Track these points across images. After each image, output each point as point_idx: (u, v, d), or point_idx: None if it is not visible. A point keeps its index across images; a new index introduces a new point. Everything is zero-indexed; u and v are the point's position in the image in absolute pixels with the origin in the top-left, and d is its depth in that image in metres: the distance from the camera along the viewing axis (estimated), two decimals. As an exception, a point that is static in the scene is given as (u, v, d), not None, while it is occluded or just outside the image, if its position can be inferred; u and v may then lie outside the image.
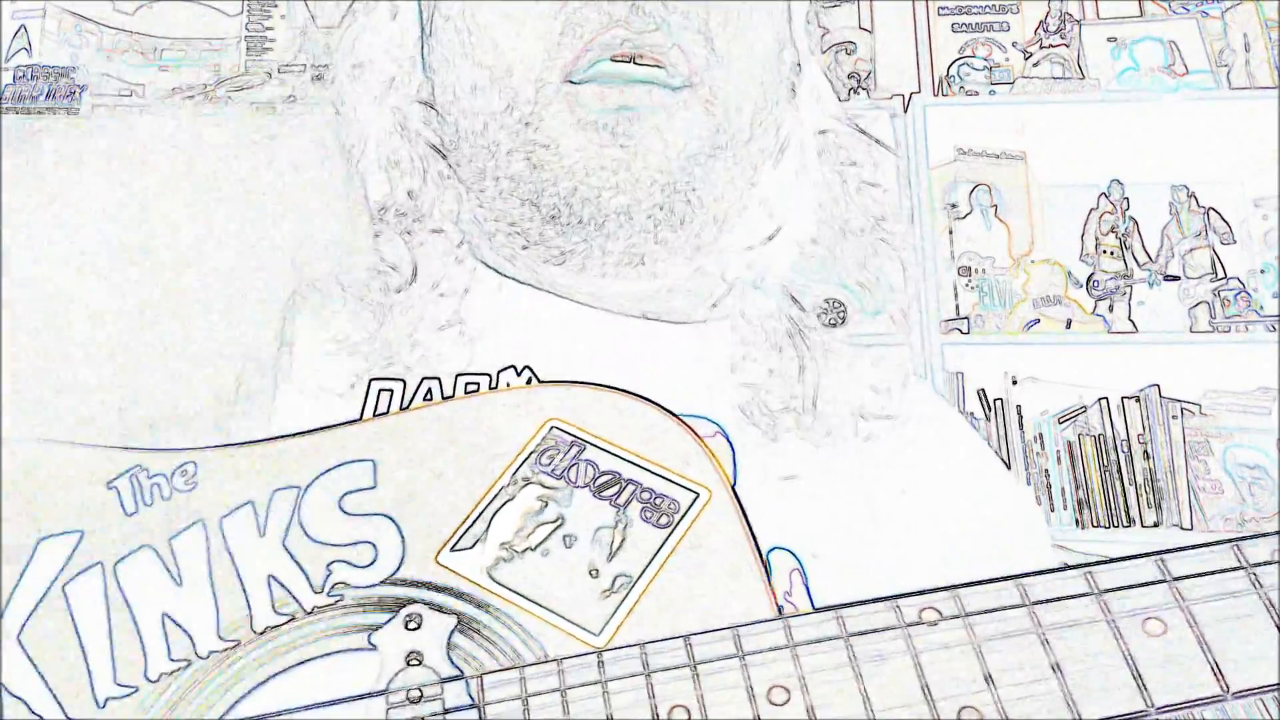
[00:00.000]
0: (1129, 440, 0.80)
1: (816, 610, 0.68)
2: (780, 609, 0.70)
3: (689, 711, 0.64)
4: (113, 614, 0.70)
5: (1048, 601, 0.66)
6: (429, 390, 0.79)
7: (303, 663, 0.69)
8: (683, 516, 0.73)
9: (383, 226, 0.84)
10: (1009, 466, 0.80)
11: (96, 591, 0.71)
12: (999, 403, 0.82)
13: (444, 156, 0.85)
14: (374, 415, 0.77)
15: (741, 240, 0.84)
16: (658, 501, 0.73)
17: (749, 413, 0.80)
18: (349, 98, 0.88)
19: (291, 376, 0.80)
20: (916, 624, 0.66)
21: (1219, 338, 0.83)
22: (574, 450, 0.75)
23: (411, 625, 0.69)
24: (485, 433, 0.76)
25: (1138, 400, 0.81)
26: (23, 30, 0.94)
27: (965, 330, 0.84)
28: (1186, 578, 0.66)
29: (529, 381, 0.79)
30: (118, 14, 0.94)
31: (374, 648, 0.69)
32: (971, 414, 0.81)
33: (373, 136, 0.87)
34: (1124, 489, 0.79)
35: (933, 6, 0.95)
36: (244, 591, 0.71)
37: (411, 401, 0.78)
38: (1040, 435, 0.81)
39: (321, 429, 0.77)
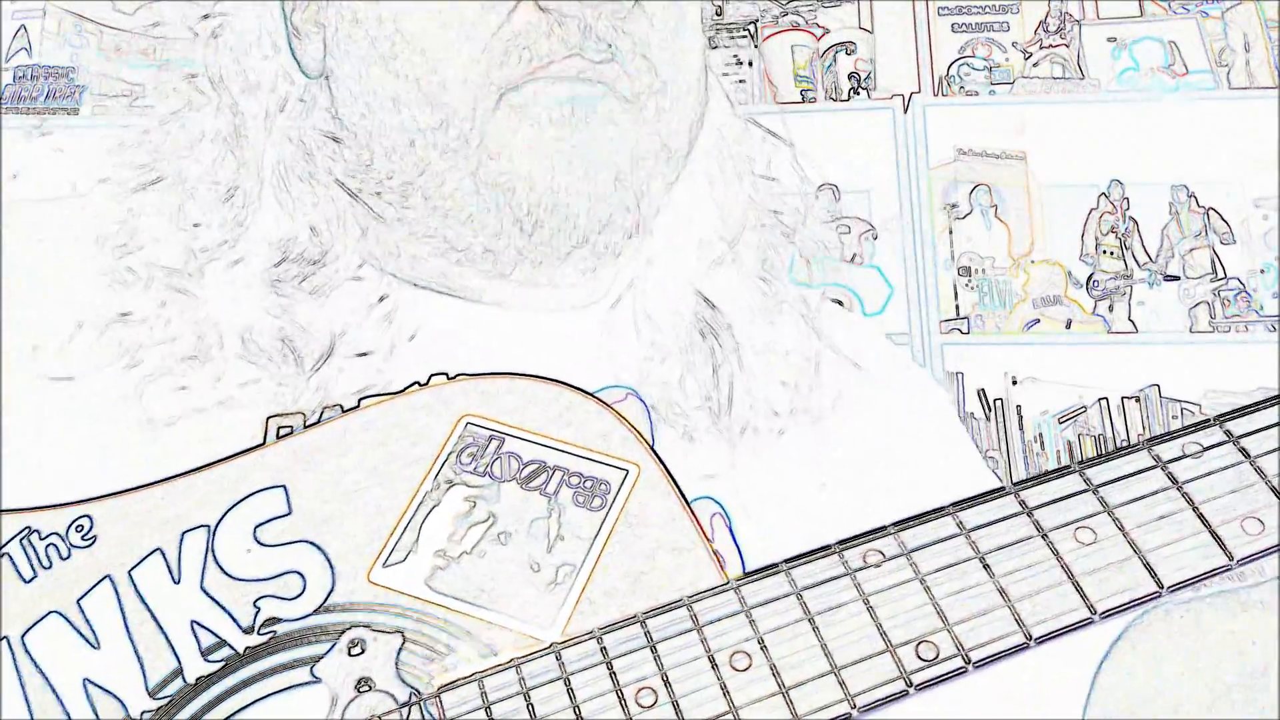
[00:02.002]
0: (1129, 440, 0.80)
1: (764, 571, 0.68)
2: (724, 566, 0.70)
3: (655, 692, 0.64)
4: (28, 689, 0.66)
5: (982, 527, 0.68)
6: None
7: (246, 706, 0.65)
8: (615, 495, 0.71)
9: (288, 285, 0.79)
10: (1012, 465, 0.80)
11: (6, 667, 0.66)
12: (999, 403, 0.82)
13: (353, 194, 0.81)
14: (278, 437, 0.74)
15: (663, 236, 0.83)
16: (588, 484, 0.72)
17: (662, 413, 0.78)
18: (240, 127, 0.83)
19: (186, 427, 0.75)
20: (862, 568, 0.67)
21: (1219, 338, 0.83)
22: (494, 444, 0.73)
23: (355, 651, 0.66)
24: (398, 439, 0.73)
25: (1138, 400, 0.81)
26: (23, 30, 0.94)
27: (965, 330, 0.84)
28: (1107, 484, 0.69)
29: (428, 381, 0.77)
30: (118, 14, 0.94)
31: (319, 680, 0.66)
32: (971, 414, 0.81)
33: (268, 166, 0.82)
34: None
35: (933, 6, 0.95)
36: (169, 643, 0.66)
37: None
38: (1040, 435, 0.81)
39: (221, 460, 0.73)
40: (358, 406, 0.76)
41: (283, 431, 0.75)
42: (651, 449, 0.74)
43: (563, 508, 0.71)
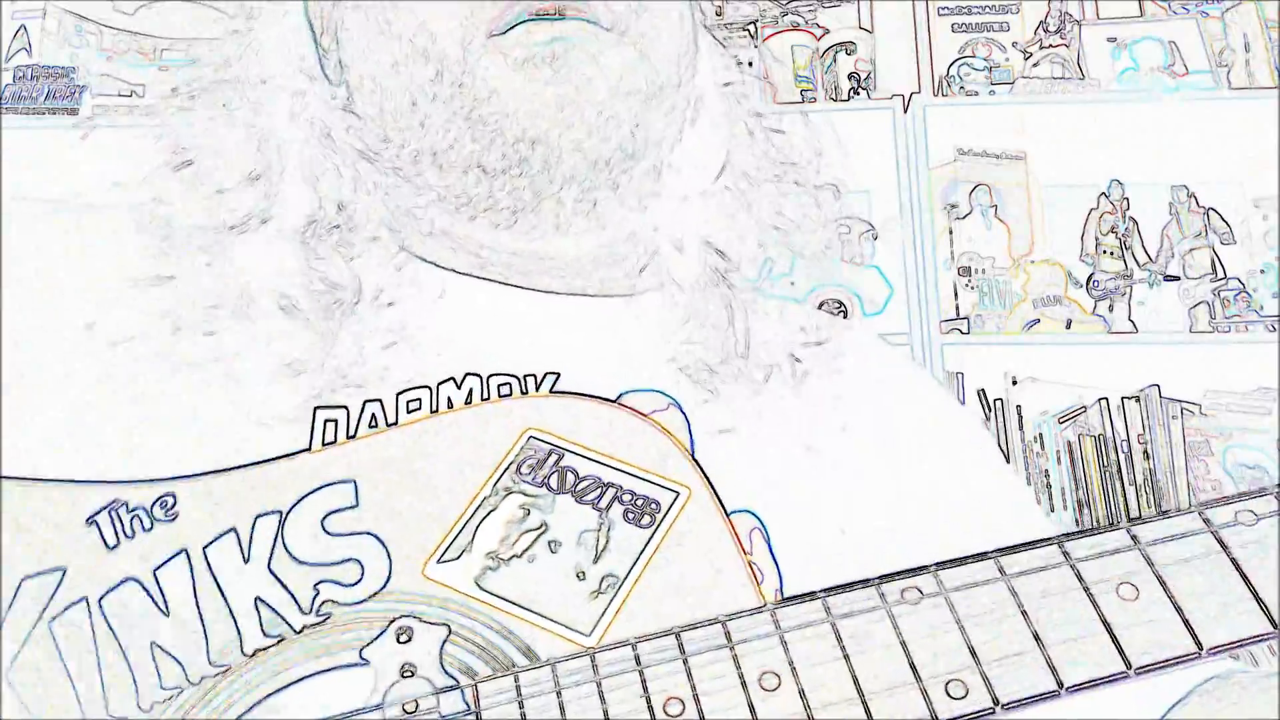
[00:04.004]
0: (1129, 440, 0.80)
1: (800, 598, 0.69)
2: (761, 590, 0.71)
3: (683, 703, 0.65)
4: (100, 648, 0.70)
5: (1024, 574, 0.68)
6: (373, 415, 0.78)
7: (296, 681, 0.69)
8: (664, 515, 0.73)
9: (316, 244, 0.83)
10: (1011, 459, 0.80)
11: (83, 626, 0.71)
12: (999, 403, 0.82)
13: (372, 162, 0.84)
14: (348, 438, 0.77)
15: (674, 194, 0.85)
16: (639, 503, 0.74)
17: (691, 373, 0.80)
18: (262, 112, 0.86)
19: (242, 406, 0.79)
20: (899, 603, 0.67)
21: (1219, 338, 0.83)
22: (553, 458, 0.75)
23: (403, 638, 0.69)
24: (464, 447, 0.76)
25: (1138, 400, 0.81)
26: (23, 30, 0.94)
27: (965, 330, 0.84)
28: (1155, 542, 0.68)
29: (462, 380, 0.80)
30: (118, 14, 0.94)
31: (366, 662, 0.69)
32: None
33: (292, 152, 0.85)
34: (1124, 489, 0.79)
35: (933, 6, 0.95)
36: (232, 616, 0.70)
37: (358, 425, 0.78)
38: (1040, 435, 0.81)
39: (299, 452, 0.77)
40: (396, 413, 0.79)
41: (328, 423, 0.78)
42: (691, 457, 0.75)
43: (613, 522, 0.73)
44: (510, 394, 0.79)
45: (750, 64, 0.94)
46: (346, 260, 0.83)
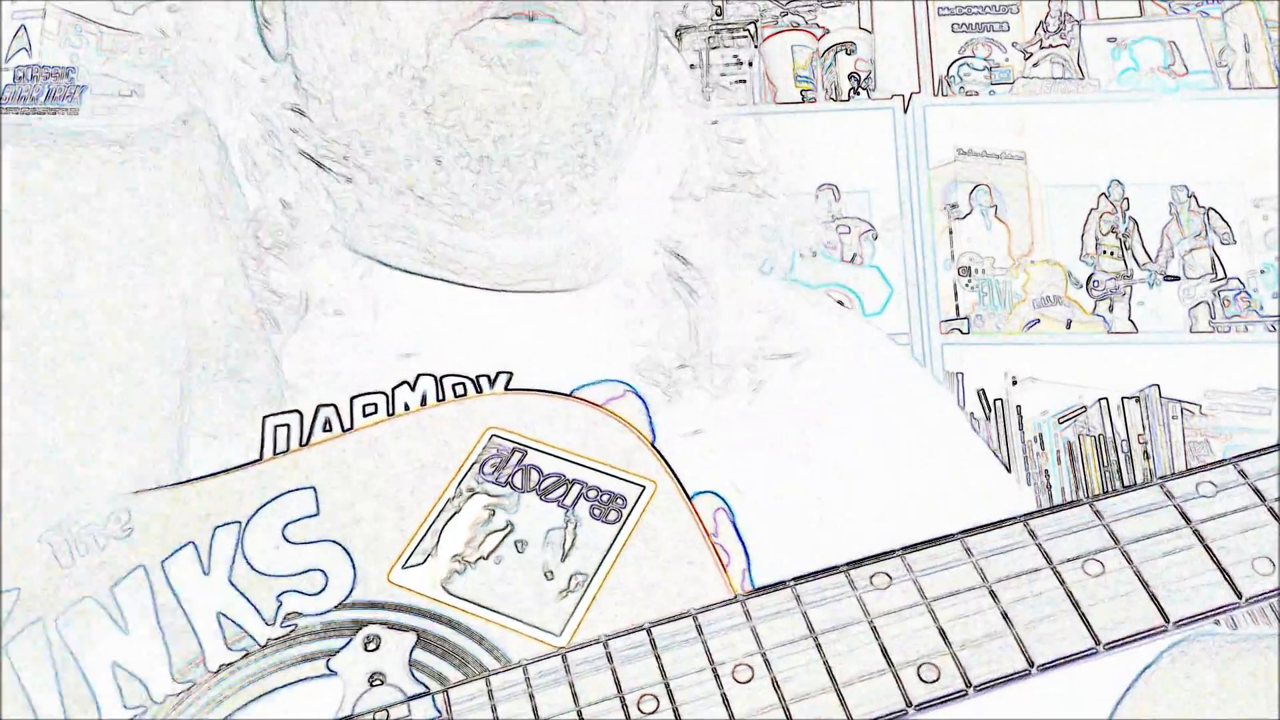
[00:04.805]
0: (1129, 440, 0.80)
1: (771, 588, 0.69)
2: (726, 573, 0.71)
3: (657, 699, 0.64)
4: (59, 668, 0.69)
5: (991, 555, 0.68)
6: (327, 420, 0.78)
7: (263, 695, 0.68)
8: (631, 510, 0.73)
9: (260, 252, 0.82)
10: (1017, 468, 0.80)
11: (40, 647, 0.70)
12: (999, 403, 0.82)
13: (319, 157, 0.83)
14: (302, 445, 0.76)
15: (632, 199, 0.85)
16: (605, 498, 0.73)
17: (646, 373, 0.80)
18: (201, 107, 0.86)
19: (194, 423, 0.78)
20: (869, 589, 0.67)
21: (1219, 338, 0.83)
22: (516, 456, 0.75)
23: (370, 646, 0.68)
24: (424, 449, 0.76)
25: (1138, 400, 0.81)
26: (23, 30, 0.94)
27: (965, 330, 0.84)
28: (1118, 518, 0.69)
29: (415, 382, 0.79)
30: (118, 14, 0.94)
31: (334, 673, 0.68)
32: (971, 414, 0.81)
33: (234, 146, 0.84)
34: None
35: (933, 6, 0.95)
36: (194, 632, 0.69)
37: (311, 431, 0.77)
38: (1040, 435, 0.81)
39: (255, 462, 0.76)
40: (351, 417, 0.78)
41: (279, 429, 0.77)
42: (652, 446, 0.75)
43: (579, 520, 0.72)
44: (465, 394, 0.78)
45: (751, 64, 0.94)
46: (293, 265, 0.82)
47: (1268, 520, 0.68)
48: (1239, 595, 0.66)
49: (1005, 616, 0.66)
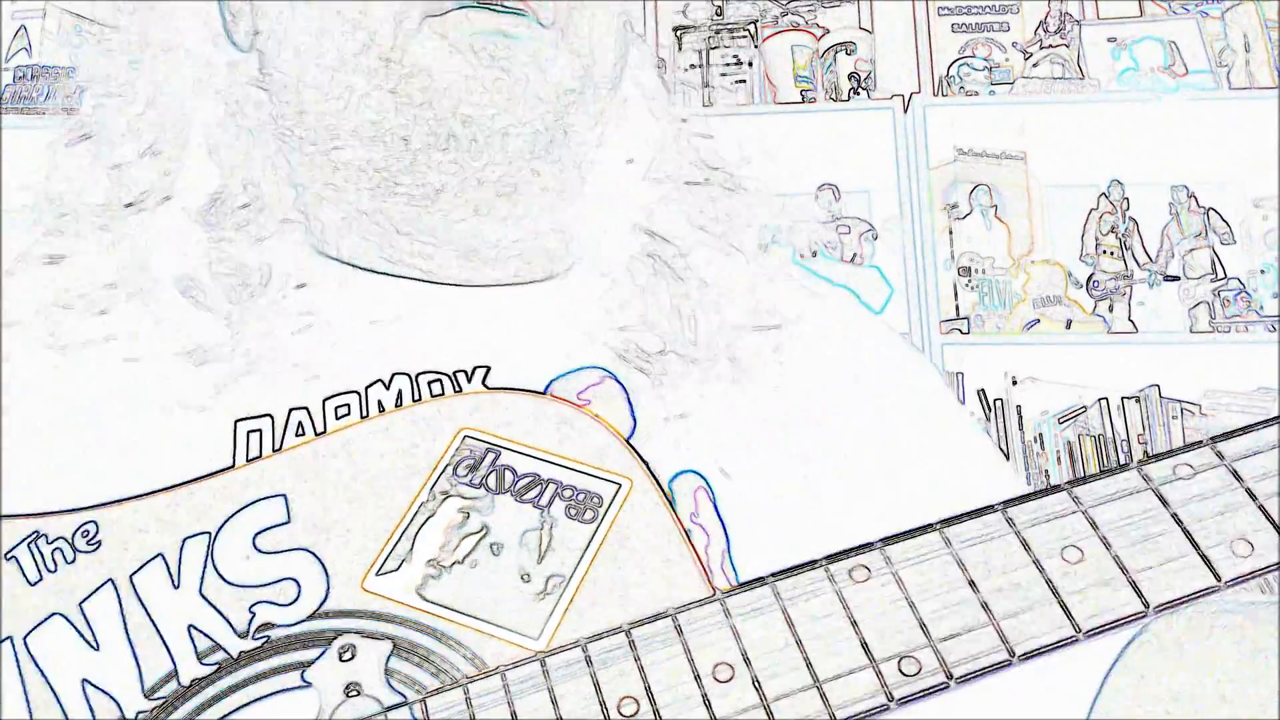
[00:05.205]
0: (1129, 440, 0.80)
1: (749, 585, 0.68)
2: (710, 578, 0.71)
3: (638, 702, 0.64)
4: (29, 687, 0.67)
5: (970, 544, 0.68)
6: (299, 424, 0.77)
7: (236, 710, 0.66)
8: (607, 509, 0.72)
9: (222, 225, 0.81)
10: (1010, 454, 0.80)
11: (8, 666, 0.68)
12: (999, 403, 0.82)
13: (284, 137, 0.82)
14: (274, 450, 0.75)
15: (598, 188, 0.84)
16: (580, 497, 0.72)
17: (628, 358, 0.79)
18: (164, 85, 0.85)
19: (144, 398, 0.76)
20: (848, 583, 0.67)
21: (1219, 338, 0.83)
22: (490, 457, 0.74)
23: (346, 656, 0.67)
24: (397, 451, 0.74)
25: (1138, 400, 0.81)
26: (23, 30, 0.94)
27: (965, 330, 0.84)
28: (1096, 504, 0.69)
29: (401, 397, 0.78)
30: (118, 14, 0.94)
31: (309, 684, 0.67)
32: (971, 414, 0.81)
33: (197, 125, 0.83)
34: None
35: (933, 6, 0.95)
36: (165, 646, 0.68)
37: (284, 435, 0.76)
38: (1040, 435, 0.81)
39: (224, 470, 0.74)
40: (324, 420, 0.77)
41: (251, 434, 0.76)
42: (628, 442, 0.75)
43: (555, 520, 0.72)
44: (442, 392, 0.78)
45: (751, 64, 0.94)
46: (254, 241, 0.81)
47: (1245, 501, 0.68)
48: (1218, 578, 0.66)
49: (985, 607, 0.66)
